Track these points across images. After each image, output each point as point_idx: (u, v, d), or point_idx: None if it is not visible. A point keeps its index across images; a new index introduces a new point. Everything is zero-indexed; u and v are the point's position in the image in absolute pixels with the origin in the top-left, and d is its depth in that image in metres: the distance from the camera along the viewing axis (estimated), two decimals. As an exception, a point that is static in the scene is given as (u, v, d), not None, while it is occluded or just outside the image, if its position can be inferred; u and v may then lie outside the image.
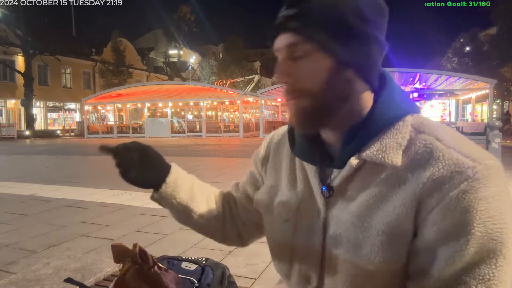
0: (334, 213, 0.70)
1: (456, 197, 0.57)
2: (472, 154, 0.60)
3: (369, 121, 0.66)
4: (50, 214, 4.25)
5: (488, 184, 0.57)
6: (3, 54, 26.83)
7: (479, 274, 0.56)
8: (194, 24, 37.28)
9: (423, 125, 0.66)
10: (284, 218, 0.77)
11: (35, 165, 9.64)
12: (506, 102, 31.37)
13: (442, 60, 37.65)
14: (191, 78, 40.82)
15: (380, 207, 0.63)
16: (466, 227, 0.56)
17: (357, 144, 0.65)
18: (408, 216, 0.60)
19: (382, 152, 0.63)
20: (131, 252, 1.05)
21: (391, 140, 0.64)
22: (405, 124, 0.65)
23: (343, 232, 0.67)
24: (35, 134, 26.23)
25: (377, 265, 0.63)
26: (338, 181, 0.69)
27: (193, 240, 3.26)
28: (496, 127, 6.70)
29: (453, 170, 0.58)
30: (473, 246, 0.56)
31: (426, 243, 0.60)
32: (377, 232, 0.62)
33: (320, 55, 0.63)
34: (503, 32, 27.06)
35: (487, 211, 0.56)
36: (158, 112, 30.57)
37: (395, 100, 0.68)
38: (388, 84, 0.69)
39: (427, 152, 0.61)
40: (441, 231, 0.58)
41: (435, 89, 22.32)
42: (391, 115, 0.66)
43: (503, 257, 0.56)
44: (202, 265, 1.19)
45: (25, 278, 1.44)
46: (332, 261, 0.70)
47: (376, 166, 0.64)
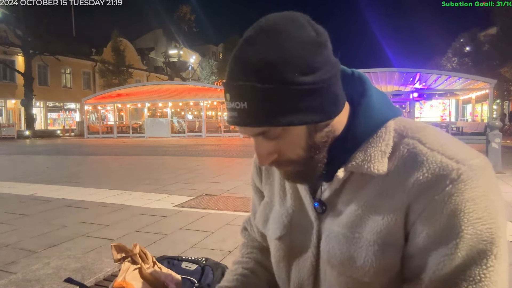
0: (326, 226, 0.70)
1: (442, 201, 0.56)
2: (456, 155, 0.59)
3: (351, 132, 0.66)
4: (50, 214, 4.25)
5: (473, 185, 0.56)
6: (3, 54, 26.84)
7: (469, 276, 0.56)
8: (194, 24, 37.32)
9: (406, 128, 0.65)
10: (277, 235, 0.77)
11: (35, 165, 9.64)
12: (506, 102, 31.36)
13: (442, 60, 37.62)
14: (191, 78, 40.81)
15: (370, 217, 0.63)
16: (454, 230, 0.56)
17: (342, 156, 0.66)
18: (398, 224, 0.60)
19: (367, 162, 0.63)
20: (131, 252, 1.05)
21: (375, 149, 0.64)
22: (387, 130, 0.65)
23: (335, 244, 0.66)
24: (35, 134, 26.24)
25: (372, 276, 0.62)
26: (327, 194, 0.69)
27: (193, 240, 3.26)
28: (496, 127, 6.70)
29: (438, 174, 0.57)
30: (463, 248, 0.55)
31: (417, 248, 0.60)
32: (368, 243, 0.62)
33: (292, 129, 0.61)
34: (503, 32, 27.05)
35: (475, 213, 0.55)
36: (158, 112, 30.57)
37: (374, 107, 0.67)
38: (367, 90, 0.68)
39: (411, 157, 0.61)
40: (430, 236, 0.58)
41: (435, 89, 22.32)
42: (372, 123, 0.66)
43: (494, 257, 0.56)
44: (202, 265, 1.19)
45: (25, 278, 1.44)
46: (327, 274, 0.70)
47: (363, 176, 0.64)
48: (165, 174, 7.18)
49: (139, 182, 6.38)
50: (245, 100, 0.58)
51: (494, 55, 28.61)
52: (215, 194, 5.27)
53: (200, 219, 3.94)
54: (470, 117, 26.94)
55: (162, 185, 6.06)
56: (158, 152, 13.02)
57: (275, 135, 0.62)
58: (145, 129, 24.39)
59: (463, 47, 34.18)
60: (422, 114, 24.79)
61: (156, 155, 11.62)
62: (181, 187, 5.88)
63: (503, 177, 6.20)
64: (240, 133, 0.66)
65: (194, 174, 7.14)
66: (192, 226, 3.69)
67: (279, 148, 0.63)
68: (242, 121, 0.60)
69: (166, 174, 7.25)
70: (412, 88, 21.76)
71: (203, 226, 3.66)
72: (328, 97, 0.60)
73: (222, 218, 3.93)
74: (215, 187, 5.82)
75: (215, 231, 3.51)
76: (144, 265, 1.05)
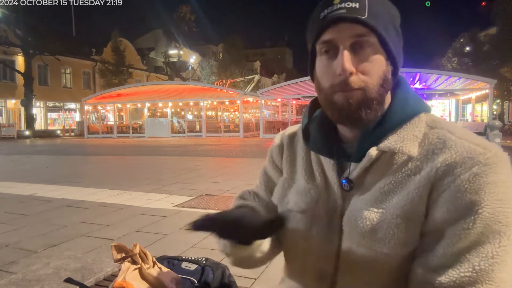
0: (351, 204, 0.72)
1: (467, 180, 0.60)
2: (483, 143, 0.64)
3: (387, 116, 0.69)
4: (50, 214, 4.25)
5: (497, 170, 0.60)
6: (3, 54, 26.83)
7: (482, 252, 0.58)
8: (194, 24, 37.29)
9: (435, 122, 0.70)
10: (301, 208, 0.77)
11: (35, 165, 9.63)
12: (506, 102, 31.35)
13: (442, 60, 37.65)
14: (191, 78, 40.79)
15: (396, 193, 0.66)
16: (474, 207, 0.59)
17: (375, 137, 0.68)
18: (422, 200, 0.63)
19: (400, 142, 0.67)
20: (131, 252, 1.05)
21: (408, 133, 0.68)
22: (420, 120, 0.69)
23: (358, 218, 0.68)
24: (35, 134, 26.23)
25: (391, 248, 0.65)
26: (356, 173, 0.71)
27: (193, 240, 3.26)
28: (496, 127, 6.70)
29: (465, 156, 0.62)
30: (480, 226, 0.58)
31: (435, 223, 0.62)
32: (391, 216, 0.65)
33: (379, 49, 0.66)
34: (503, 32, 27.05)
35: (495, 195, 0.59)
36: (158, 112, 30.56)
37: (411, 98, 0.72)
38: (402, 84, 0.74)
39: (440, 142, 0.65)
40: (450, 211, 0.61)
41: (435, 89, 22.31)
42: (408, 112, 0.70)
43: (507, 238, 0.59)
44: (202, 265, 1.19)
45: (25, 278, 1.44)
46: (347, 249, 0.71)
47: (393, 157, 0.68)
48: (165, 174, 7.18)
49: (139, 182, 6.38)
50: (358, 2, 0.64)
51: (494, 55, 28.62)
52: (215, 194, 5.27)
53: (200, 219, 3.93)
54: (470, 117, 26.93)
55: (162, 185, 6.06)
56: (158, 152, 13.01)
57: (367, 45, 0.65)
58: (145, 129, 24.39)
59: (463, 47, 34.20)
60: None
61: (156, 155, 11.61)
62: (181, 187, 5.87)
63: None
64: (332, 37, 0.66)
65: (194, 174, 7.13)
66: (192, 226, 3.68)
67: (361, 64, 0.66)
68: (351, 13, 0.64)
69: (166, 174, 7.24)
70: (412, 88, 21.74)
71: (203, 226, 3.66)
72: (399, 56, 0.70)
73: (222, 218, 3.93)
74: (215, 187, 5.82)
75: (215, 231, 3.51)
76: (144, 265, 1.05)
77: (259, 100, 22.84)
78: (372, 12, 0.64)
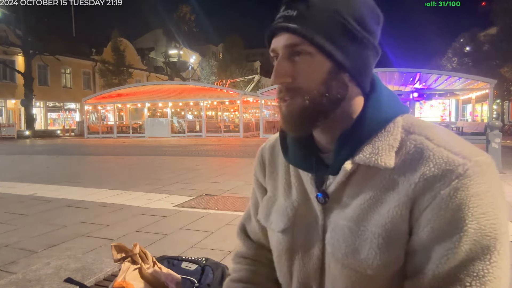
0: (331, 219, 0.70)
1: (448, 195, 0.57)
2: (462, 152, 0.60)
3: (360, 125, 0.66)
4: (50, 214, 4.25)
5: (479, 180, 0.57)
6: (3, 54, 26.84)
7: (473, 271, 0.56)
8: (194, 24, 37.31)
9: (413, 125, 0.66)
10: (281, 228, 0.76)
11: (35, 165, 9.63)
12: (506, 102, 31.35)
13: (442, 60, 37.60)
14: (191, 78, 40.79)
15: (375, 210, 0.63)
16: (459, 225, 0.56)
17: (350, 148, 0.66)
18: (403, 217, 0.61)
19: (375, 154, 0.63)
20: (131, 252, 1.05)
21: (383, 143, 0.64)
22: (396, 126, 0.66)
23: (340, 237, 0.66)
24: (35, 134, 26.23)
25: (375, 269, 0.62)
26: (333, 187, 0.69)
27: (193, 240, 3.26)
28: (496, 127, 6.70)
29: (444, 169, 0.58)
30: (467, 243, 0.56)
31: (421, 242, 0.60)
32: (373, 236, 0.62)
33: (319, 57, 0.63)
34: (503, 32, 27.03)
35: (479, 208, 0.56)
36: (158, 112, 30.55)
37: (384, 102, 0.68)
38: (377, 86, 0.70)
39: (418, 152, 0.62)
40: (434, 230, 0.58)
41: (435, 89, 22.30)
42: (381, 118, 0.66)
43: (497, 252, 0.56)
44: (202, 265, 1.19)
45: (25, 278, 1.44)
46: (332, 267, 0.69)
47: (370, 170, 0.65)
48: (165, 174, 7.18)
49: (139, 182, 6.37)
50: (296, 10, 0.63)
51: (494, 55, 28.58)
52: (215, 194, 5.27)
53: (200, 219, 3.94)
54: (470, 117, 26.91)
55: (162, 185, 6.06)
56: (158, 152, 13.01)
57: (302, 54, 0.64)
58: (145, 129, 24.38)
59: (463, 47, 34.16)
60: (422, 114, 24.75)
61: (156, 155, 11.61)
62: (181, 187, 5.87)
63: (503, 177, 6.19)
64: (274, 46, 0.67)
65: (194, 174, 7.13)
66: (192, 226, 3.69)
67: (297, 73, 0.65)
68: (286, 21, 0.63)
69: (166, 174, 7.24)
70: (412, 88, 21.74)
71: (203, 226, 3.66)
72: (362, 59, 0.65)
73: (222, 218, 3.93)
74: (215, 187, 5.82)
75: (215, 231, 3.51)
76: (144, 265, 1.05)
77: (259, 100, 22.83)
78: (311, 17, 0.62)
